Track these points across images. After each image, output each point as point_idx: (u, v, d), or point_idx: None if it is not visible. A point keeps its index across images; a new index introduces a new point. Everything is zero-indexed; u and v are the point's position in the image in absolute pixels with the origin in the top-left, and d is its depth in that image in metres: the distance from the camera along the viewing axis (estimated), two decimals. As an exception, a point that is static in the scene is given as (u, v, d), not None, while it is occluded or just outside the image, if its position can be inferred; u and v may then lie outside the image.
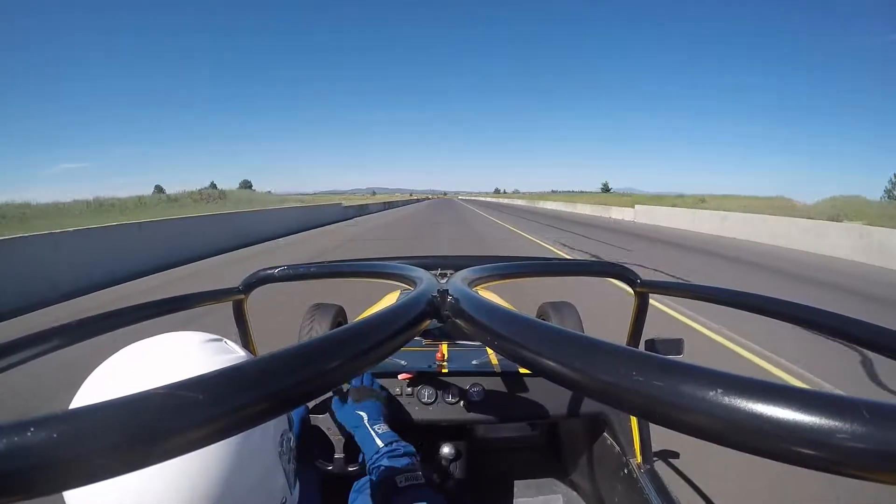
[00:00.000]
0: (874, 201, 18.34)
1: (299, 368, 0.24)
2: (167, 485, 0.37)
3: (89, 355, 0.52)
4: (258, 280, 0.84)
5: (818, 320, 0.48)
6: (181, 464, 0.37)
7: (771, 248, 11.32)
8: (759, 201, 20.74)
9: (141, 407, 0.19)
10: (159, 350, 0.44)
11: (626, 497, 0.98)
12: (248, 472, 0.42)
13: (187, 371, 0.40)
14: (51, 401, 2.65)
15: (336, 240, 12.77)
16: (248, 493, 0.42)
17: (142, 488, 0.36)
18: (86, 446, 0.17)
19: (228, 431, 0.21)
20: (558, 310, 1.85)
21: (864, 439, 0.16)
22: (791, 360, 3.44)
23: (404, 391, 1.05)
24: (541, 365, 0.26)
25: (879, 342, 0.41)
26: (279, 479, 0.47)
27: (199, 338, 0.47)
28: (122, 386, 0.40)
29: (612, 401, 0.23)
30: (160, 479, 0.37)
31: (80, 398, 0.40)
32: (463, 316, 0.36)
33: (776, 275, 7.50)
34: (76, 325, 0.52)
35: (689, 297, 0.67)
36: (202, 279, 6.91)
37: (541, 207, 44.74)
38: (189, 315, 0.80)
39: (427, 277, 0.52)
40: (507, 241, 12.55)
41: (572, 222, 20.45)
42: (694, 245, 11.44)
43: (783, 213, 14.96)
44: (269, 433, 0.46)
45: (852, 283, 6.88)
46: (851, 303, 5.66)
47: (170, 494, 0.37)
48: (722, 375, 0.20)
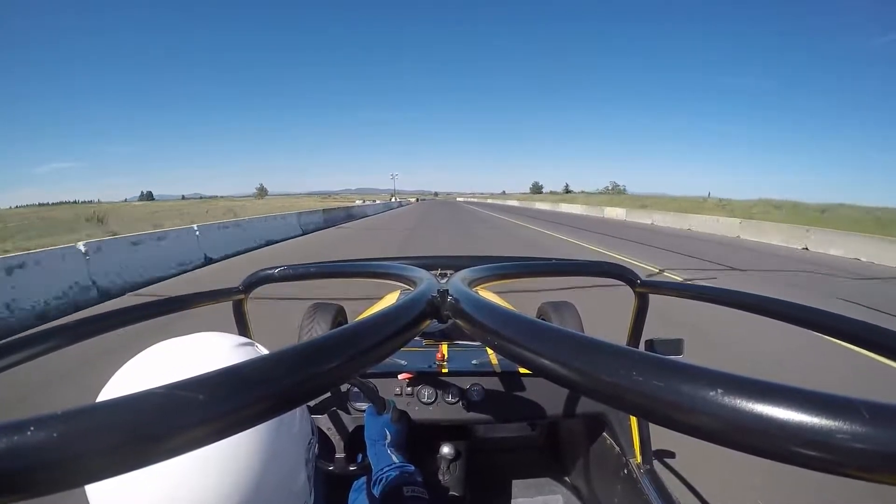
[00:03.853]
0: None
1: (299, 368, 0.24)
2: (200, 481, 0.37)
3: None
4: (258, 280, 0.84)
5: (820, 321, 0.48)
6: (213, 461, 0.37)
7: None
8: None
9: (141, 406, 0.19)
10: (191, 350, 0.44)
11: (625, 497, 0.98)
12: (275, 472, 0.42)
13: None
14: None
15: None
16: (272, 493, 0.42)
17: (175, 483, 0.36)
18: (86, 446, 0.17)
19: (228, 431, 0.21)
20: (558, 310, 1.85)
21: (864, 439, 0.16)
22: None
23: (404, 391, 1.05)
24: (541, 365, 0.26)
25: (880, 342, 0.41)
26: (301, 482, 0.47)
27: (232, 341, 0.47)
28: (152, 383, 0.39)
29: (612, 401, 0.23)
30: (193, 476, 0.37)
31: (107, 393, 0.40)
32: (463, 316, 0.36)
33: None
34: (77, 324, 0.52)
35: (689, 297, 0.67)
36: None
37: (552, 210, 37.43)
38: (188, 315, 0.80)
39: (427, 277, 0.52)
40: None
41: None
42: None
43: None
44: (297, 435, 0.46)
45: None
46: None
47: (202, 492, 0.37)
48: (722, 375, 0.20)
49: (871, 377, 3.22)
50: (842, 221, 15.54)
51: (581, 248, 10.54)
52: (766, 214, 19.69)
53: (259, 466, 0.40)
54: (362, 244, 11.59)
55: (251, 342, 0.49)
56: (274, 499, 0.43)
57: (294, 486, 0.46)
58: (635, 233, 15.39)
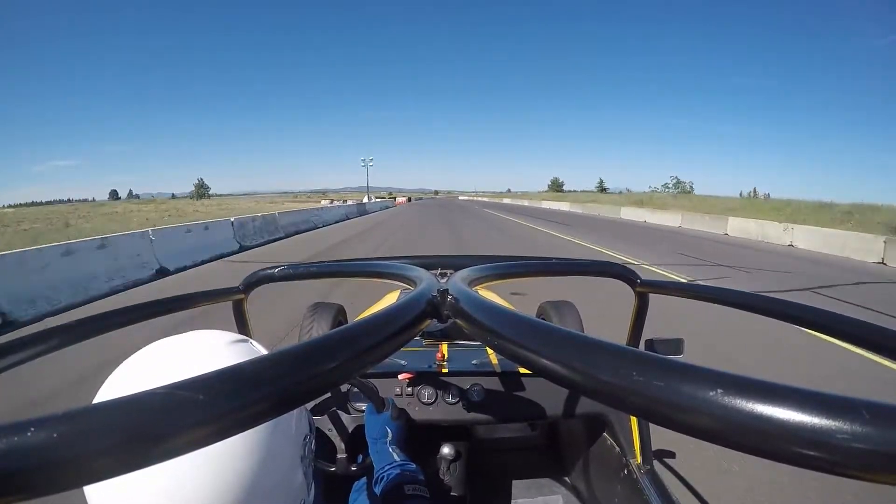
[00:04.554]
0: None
1: (299, 368, 0.24)
2: (197, 481, 0.37)
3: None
4: (258, 280, 0.84)
5: (820, 321, 0.48)
6: (210, 462, 0.37)
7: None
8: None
9: (141, 407, 0.19)
10: (188, 348, 0.44)
11: (625, 497, 0.98)
12: (272, 471, 0.42)
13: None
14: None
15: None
16: (269, 492, 0.42)
17: (173, 487, 0.36)
18: (86, 446, 0.17)
19: (228, 431, 0.21)
20: (558, 309, 1.84)
21: (864, 440, 0.16)
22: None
23: (404, 391, 1.05)
24: (541, 365, 0.26)
25: (880, 342, 0.41)
26: (299, 479, 0.47)
27: (227, 338, 0.47)
28: (149, 382, 0.40)
29: (612, 401, 0.23)
30: (190, 475, 0.37)
31: (105, 393, 0.40)
32: (463, 316, 0.36)
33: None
34: (76, 324, 0.52)
35: (689, 297, 0.67)
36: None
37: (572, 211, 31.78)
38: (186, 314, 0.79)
39: (427, 277, 0.52)
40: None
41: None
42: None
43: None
44: (292, 434, 0.46)
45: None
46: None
47: (199, 491, 0.37)
48: (722, 375, 0.20)
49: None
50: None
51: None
52: (797, 215, 16.23)
53: (256, 464, 0.40)
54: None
55: (247, 339, 0.49)
56: (271, 497, 0.43)
57: (291, 484, 0.46)
58: (767, 259, 9.22)
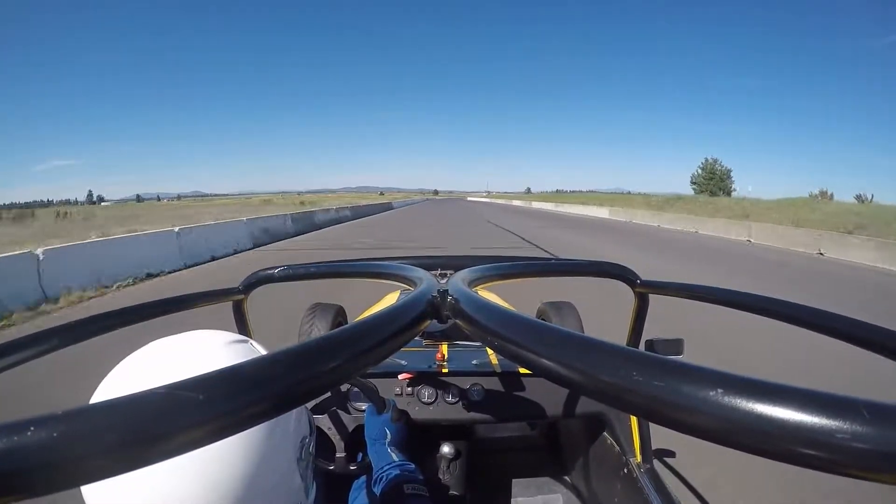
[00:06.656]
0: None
1: (299, 368, 0.24)
2: (193, 484, 0.37)
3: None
4: (258, 280, 0.84)
5: (821, 322, 0.48)
6: (205, 463, 0.37)
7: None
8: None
9: (141, 407, 0.19)
10: (187, 348, 0.44)
11: (625, 497, 0.98)
12: (268, 474, 0.42)
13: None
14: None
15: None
16: (267, 492, 0.42)
17: (169, 488, 0.36)
18: (86, 446, 0.17)
19: (228, 431, 0.21)
20: (558, 310, 1.84)
21: (864, 439, 0.16)
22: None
23: (404, 391, 1.05)
24: (541, 365, 0.26)
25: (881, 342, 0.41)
26: (296, 482, 0.47)
27: (225, 338, 0.46)
28: (147, 382, 0.40)
29: (612, 401, 0.23)
30: (188, 475, 0.37)
31: (102, 392, 0.40)
32: (463, 316, 0.36)
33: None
34: (76, 324, 0.52)
35: (689, 297, 0.67)
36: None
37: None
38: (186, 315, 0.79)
39: (427, 278, 0.52)
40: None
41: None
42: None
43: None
44: (290, 436, 0.46)
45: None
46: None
47: (198, 491, 0.37)
48: (722, 375, 0.20)
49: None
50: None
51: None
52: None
53: (254, 464, 0.40)
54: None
55: (246, 340, 0.49)
56: (270, 497, 0.43)
57: (290, 483, 0.46)
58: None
